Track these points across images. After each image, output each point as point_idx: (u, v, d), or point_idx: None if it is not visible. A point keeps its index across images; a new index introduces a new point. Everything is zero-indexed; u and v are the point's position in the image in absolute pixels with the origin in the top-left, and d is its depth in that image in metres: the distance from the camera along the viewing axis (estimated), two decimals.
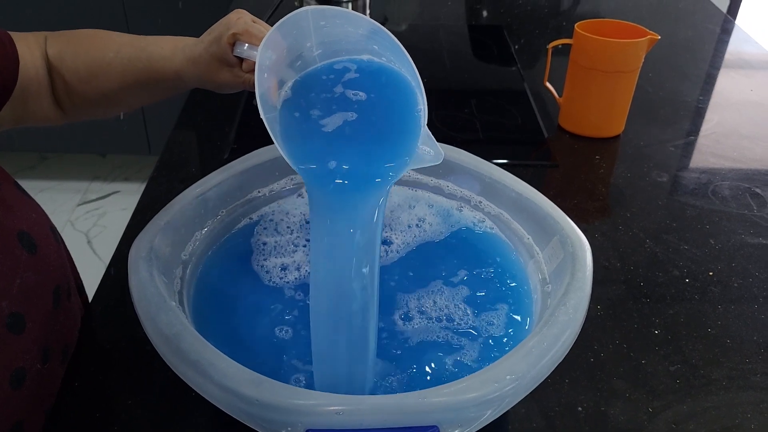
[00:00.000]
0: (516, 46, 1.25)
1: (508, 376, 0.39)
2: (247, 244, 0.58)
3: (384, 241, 0.59)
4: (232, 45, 0.56)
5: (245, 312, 0.53)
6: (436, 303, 0.54)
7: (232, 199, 0.59)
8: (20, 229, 0.51)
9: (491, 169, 0.60)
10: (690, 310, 0.66)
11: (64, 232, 1.99)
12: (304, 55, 0.50)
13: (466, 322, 0.52)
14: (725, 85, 1.14)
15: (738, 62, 1.23)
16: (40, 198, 0.61)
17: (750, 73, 1.18)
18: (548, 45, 0.96)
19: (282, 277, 0.56)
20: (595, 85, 0.91)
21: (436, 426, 0.38)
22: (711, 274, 0.71)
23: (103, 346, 0.62)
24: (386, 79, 0.49)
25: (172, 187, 0.83)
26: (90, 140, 2.11)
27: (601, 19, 0.94)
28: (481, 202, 0.61)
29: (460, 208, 0.62)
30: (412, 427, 0.38)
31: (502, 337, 0.51)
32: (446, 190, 0.63)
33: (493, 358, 0.48)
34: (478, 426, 0.39)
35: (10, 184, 0.55)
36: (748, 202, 0.83)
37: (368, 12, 1.26)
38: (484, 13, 1.46)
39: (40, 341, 0.52)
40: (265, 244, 0.58)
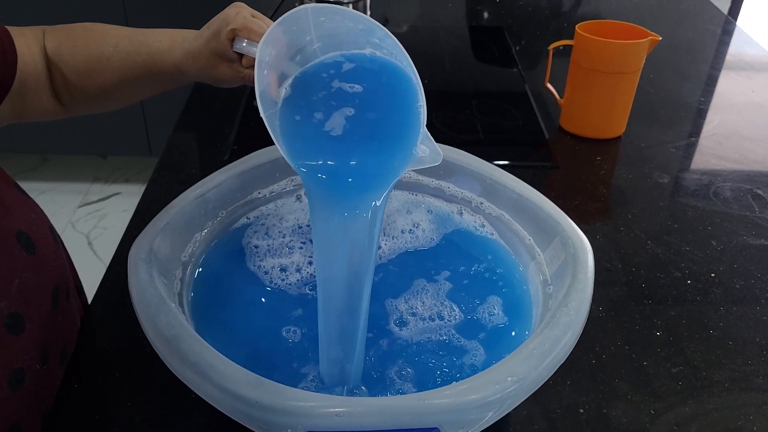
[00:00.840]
0: (517, 48, 1.25)
1: (510, 378, 0.39)
2: (248, 247, 0.58)
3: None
4: (232, 41, 0.55)
5: (245, 313, 0.53)
6: (435, 306, 0.53)
7: (232, 201, 0.59)
8: (19, 229, 0.51)
9: (492, 171, 0.60)
10: (692, 312, 0.66)
11: (64, 234, 1.99)
12: (305, 49, 0.50)
13: (467, 323, 0.52)
14: (726, 86, 1.13)
15: (739, 63, 1.22)
16: (41, 199, 0.61)
17: (751, 75, 1.18)
18: (549, 46, 0.96)
19: (283, 279, 0.55)
20: (596, 86, 0.91)
21: (437, 428, 0.37)
22: (713, 275, 0.71)
23: (103, 348, 0.62)
24: (388, 76, 0.49)
25: (173, 188, 0.83)
26: (91, 142, 2.11)
27: (602, 21, 0.94)
28: (482, 203, 0.61)
29: (461, 212, 0.62)
30: (412, 429, 0.37)
31: (503, 339, 0.51)
32: (447, 192, 0.63)
33: (494, 360, 0.48)
34: (479, 428, 0.39)
35: (8, 184, 0.55)
36: (749, 204, 0.83)
37: (369, 13, 1.26)
38: (485, 15, 1.46)
39: (39, 342, 0.52)
40: (257, 247, 0.58)
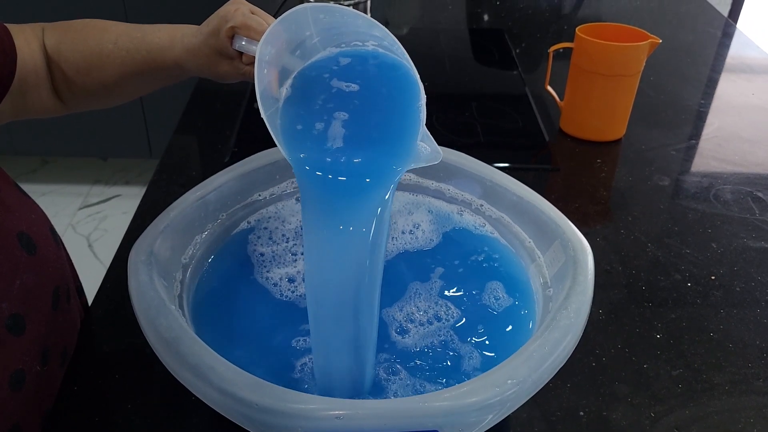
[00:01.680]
0: (517, 50, 1.25)
1: (510, 381, 0.39)
2: (248, 249, 0.58)
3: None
4: (231, 38, 0.55)
5: (244, 315, 0.53)
6: (432, 308, 0.53)
7: (232, 203, 0.59)
8: (20, 230, 0.51)
9: (492, 173, 0.60)
10: (692, 315, 0.66)
11: (65, 236, 1.99)
12: (305, 43, 0.50)
13: (467, 326, 0.52)
14: (726, 88, 1.13)
15: (739, 66, 1.22)
16: (42, 202, 0.61)
17: (751, 77, 1.18)
18: (549, 49, 0.96)
19: (281, 281, 0.55)
20: (597, 88, 0.91)
21: (437, 430, 0.37)
22: (713, 278, 0.71)
23: (103, 350, 0.62)
24: (389, 73, 0.49)
25: (173, 190, 0.83)
26: (91, 144, 2.11)
27: (603, 23, 0.94)
28: (482, 205, 0.61)
29: (461, 212, 0.62)
30: None
31: (503, 341, 0.51)
32: (447, 194, 0.63)
33: (494, 363, 0.48)
34: (479, 430, 0.39)
35: (9, 184, 0.55)
36: (750, 206, 0.83)
37: (369, 15, 1.26)
38: (485, 17, 1.46)
39: (39, 343, 0.52)
40: (262, 255, 0.58)
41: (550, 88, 0.99)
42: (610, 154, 0.93)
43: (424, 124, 0.47)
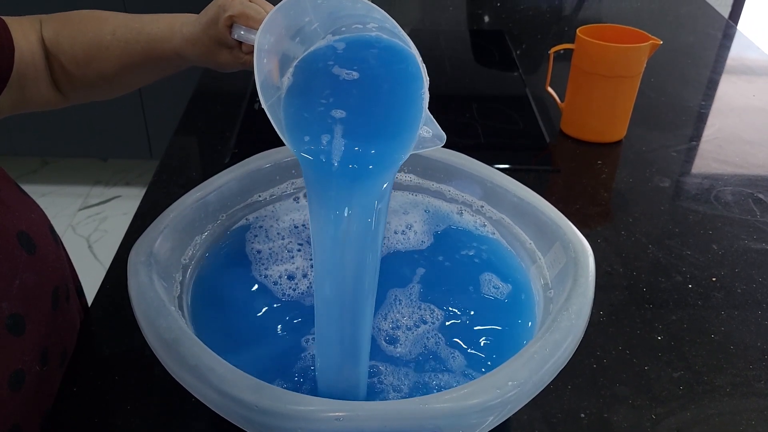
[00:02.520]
0: (517, 51, 1.25)
1: (510, 382, 0.39)
2: (248, 249, 0.58)
3: None
4: (230, 27, 0.55)
5: (244, 316, 0.52)
6: (431, 309, 0.53)
7: (232, 204, 0.59)
8: (19, 229, 0.51)
9: (493, 174, 0.60)
10: (693, 316, 0.66)
11: (65, 237, 1.99)
12: (304, 30, 0.49)
13: (468, 328, 0.52)
14: (727, 90, 1.13)
15: (740, 68, 1.22)
16: (42, 202, 0.60)
17: (752, 79, 1.17)
18: (550, 50, 0.96)
19: (281, 279, 0.55)
20: (597, 90, 0.91)
21: None
22: (714, 279, 0.71)
23: (102, 351, 0.61)
24: (392, 58, 0.48)
25: (173, 191, 0.83)
26: (91, 144, 2.11)
27: (604, 24, 0.94)
28: (482, 206, 0.61)
29: (461, 212, 0.62)
30: None
31: (504, 343, 0.51)
32: (447, 195, 0.63)
33: (495, 365, 0.47)
34: None
35: (9, 183, 0.54)
36: (750, 208, 0.82)
37: None
38: (486, 18, 1.46)
39: (39, 343, 0.52)
40: (259, 252, 0.58)
41: (550, 90, 0.99)
42: (611, 156, 0.93)
43: (427, 108, 0.46)
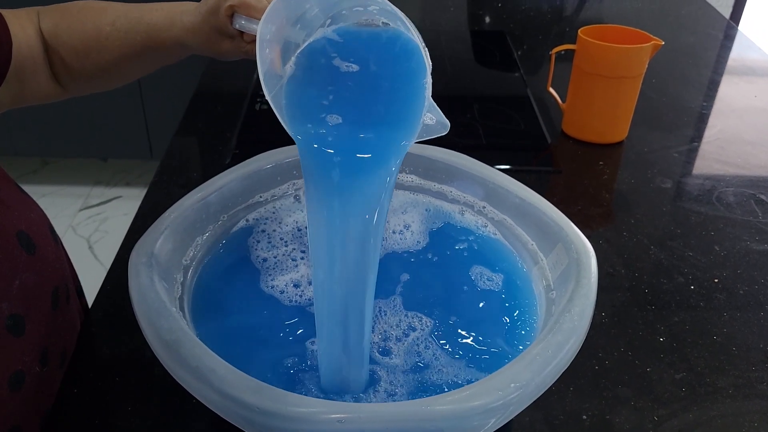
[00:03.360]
0: (519, 52, 1.25)
1: (513, 384, 0.39)
2: (249, 250, 0.58)
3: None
4: (231, 17, 0.54)
5: (245, 316, 0.52)
6: (431, 311, 0.53)
7: (233, 204, 0.59)
8: (19, 229, 0.51)
9: (495, 175, 0.60)
10: (695, 318, 0.66)
11: (65, 237, 1.99)
12: (305, 15, 0.49)
13: (470, 330, 0.52)
14: (728, 91, 1.13)
15: (741, 68, 1.22)
16: (42, 203, 0.60)
17: (753, 80, 1.17)
18: (551, 50, 0.96)
19: (282, 282, 0.55)
20: (599, 90, 0.91)
21: None
22: (716, 281, 0.70)
23: (103, 352, 0.61)
24: (395, 48, 0.47)
25: (174, 192, 0.83)
26: (91, 145, 2.11)
27: (605, 25, 0.94)
28: (484, 207, 0.61)
29: (462, 212, 0.62)
30: None
31: (505, 345, 0.50)
32: (449, 196, 0.62)
33: (498, 367, 0.47)
34: None
35: (8, 182, 0.54)
36: (752, 209, 0.82)
37: None
38: (487, 19, 1.46)
39: (39, 344, 0.52)
40: (262, 254, 0.57)
41: (552, 90, 0.99)
42: (612, 156, 0.93)
43: (430, 95, 0.46)
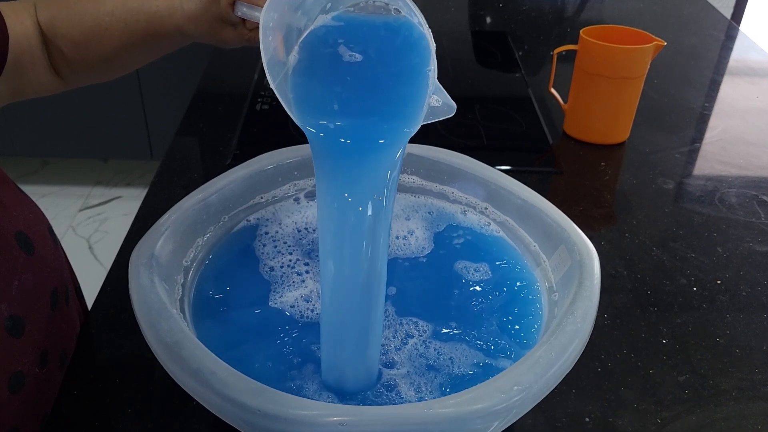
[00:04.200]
0: (520, 53, 1.25)
1: (515, 387, 0.38)
2: (250, 251, 0.58)
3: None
4: (232, 5, 0.54)
5: (246, 318, 0.52)
6: (435, 316, 0.53)
7: (234, 205, 0.59)
8: (18, 230, 0.51)
9: (497, 176, 0.59)
10: (698, 319, 0.65)
11: (65, 238, 1.99)
12: (306, 2, 0.48)
13: (471, 331, 0.51)
14: (730, 91, 1.13)
15: (743, 69, 1.22)
16: (42, 203, 0.60)
17: (755, 80, 1.17)
18: (553, 51, 0.95)
19: (293, 302, 0.55)
20: (601, 91, 0.91)
21: None
22: (719, 282, 0.70)
23: (103, 354, 0.61)
24: (399, 29, 0.47)
25: (174, 192, 0.83)
26: (92, 145, 2.11)
27: (607, 25, 0.93)
28: (486, 208, 0.60)
29: (464, 212, 0.62)
30: None
31: (507, 347, 0.50)
32: (451, 197, 0.62)
33: (500, 370, 0.47)
34: None
35: (6, 183, 0.54)
36: (755, 210, 0.82)
37: None
38: (488, 20, 1.45)
39: (38, 345, 0.51)
40: (264, 251, 0.57)
41: (553, 91, 0.98)
42: (614, 157, 0.93)
43: (435, 77, 0.46)
